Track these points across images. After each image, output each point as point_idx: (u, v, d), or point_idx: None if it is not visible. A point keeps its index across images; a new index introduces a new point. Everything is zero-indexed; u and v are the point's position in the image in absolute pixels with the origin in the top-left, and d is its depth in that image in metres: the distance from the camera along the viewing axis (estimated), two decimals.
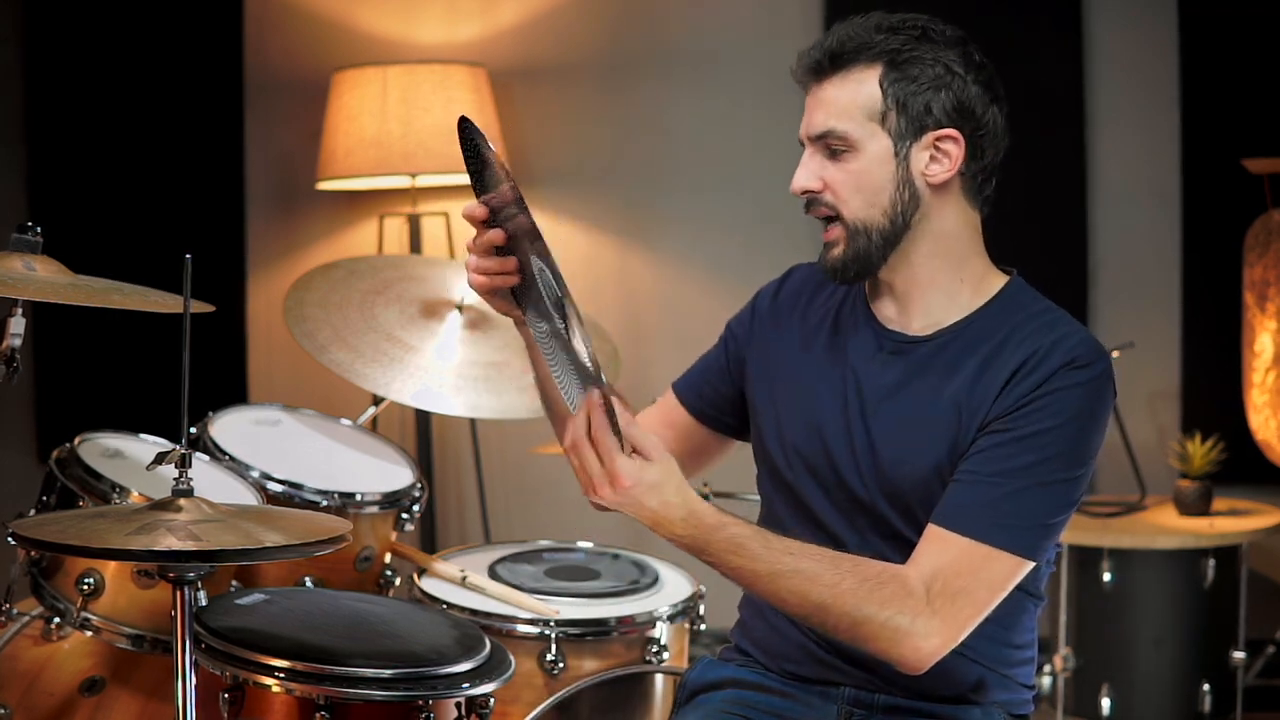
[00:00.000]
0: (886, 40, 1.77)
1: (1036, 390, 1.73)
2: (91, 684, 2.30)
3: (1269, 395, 3.64)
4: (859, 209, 1.79)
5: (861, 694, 1.86)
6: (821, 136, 1.79)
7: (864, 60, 1.77)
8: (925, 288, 1.84)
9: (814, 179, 1.81)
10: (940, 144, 1.79)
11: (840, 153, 1.79)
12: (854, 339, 1.88)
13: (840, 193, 1.79)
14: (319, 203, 4.32)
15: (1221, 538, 3.43)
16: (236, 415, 2.66)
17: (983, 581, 1.70)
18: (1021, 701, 1.90)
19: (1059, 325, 1.79)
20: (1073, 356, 1.74)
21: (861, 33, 1.78)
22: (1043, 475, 1.71)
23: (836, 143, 1.78)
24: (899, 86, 1.76)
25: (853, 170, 1.78)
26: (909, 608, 1.67)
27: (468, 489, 4.32)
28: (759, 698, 1.90)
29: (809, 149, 1.82)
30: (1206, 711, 3.42)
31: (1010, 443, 1.72)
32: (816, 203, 1.81)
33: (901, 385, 1.82)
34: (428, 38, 4.27)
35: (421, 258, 3.91)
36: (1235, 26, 3.94)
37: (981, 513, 1.70)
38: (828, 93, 1.79)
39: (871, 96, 1.77)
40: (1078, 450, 1.73)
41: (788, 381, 1.93)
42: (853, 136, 1.77)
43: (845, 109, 1.77)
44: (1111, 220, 4.07)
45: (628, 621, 2.41)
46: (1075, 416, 1.72)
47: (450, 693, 1.98)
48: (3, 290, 1.90)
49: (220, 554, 1.65)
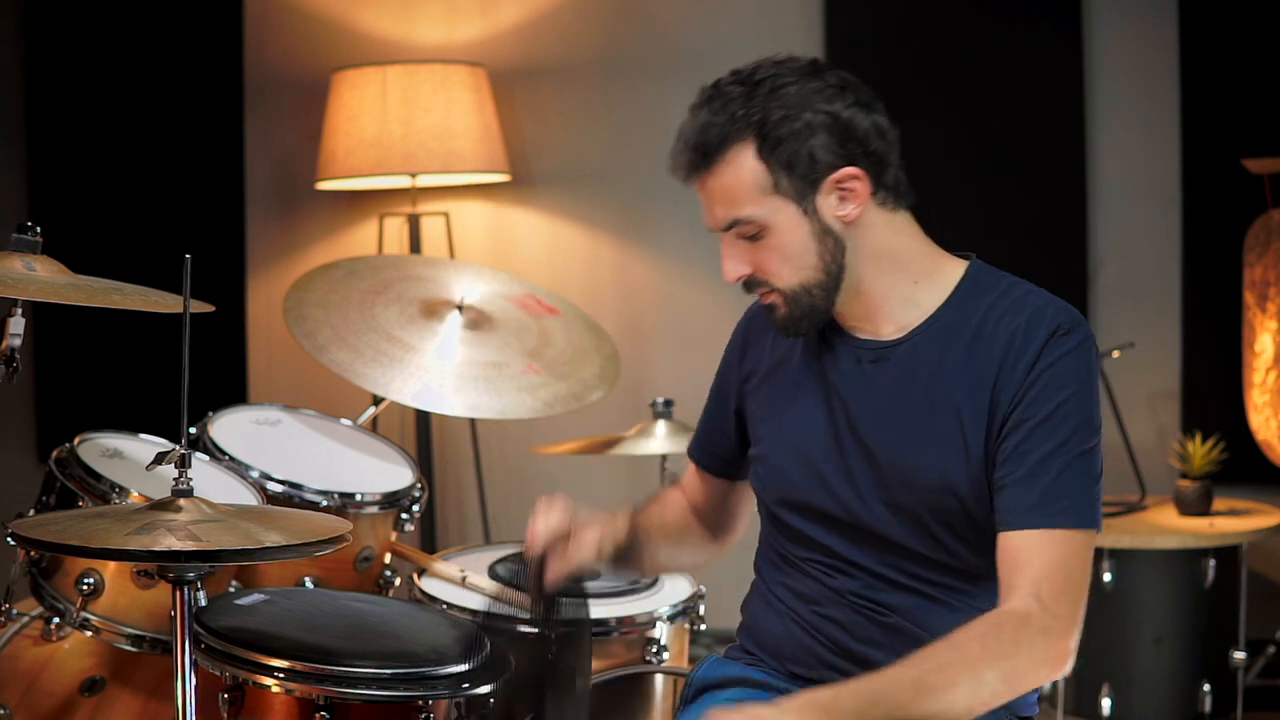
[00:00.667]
0: (745, 113, 1.73)
1: (1033, 370, 1.73)
2: (91, 684, 2.30)
3: (1269, 395, 3.64)
4: (791, 277, 1.78)
5: None
6: (729, 227, 1.79)
7: (731, 143, 1.74)
8: (883, 300, 1.83)
9: (743, 265, 1.80)
10: (842, 184, 1.76)
11: (755, 236, 1.78)
12: (829, 358, 1.87)
13: (771, 269, 1.78)
14: (319, 203, 4.32)
15: (1222, 538, 3.43)
16: (236, 415, 2.66)
17: (1074, 566, 1.70)
18: (1026, 703, 1.90)
19: (1029, 299, 1.79)
20: (1054, 326, 1.74)
21: (717, 118, 1.74)
22: (1071, 449, 1.71)
23: (748, 229, 1.77)
24: (778, 151, 1.73)
25: (773, 246, 1.77)
26: (1036, 628, 1.66)
27: (468, 489, 4.32)
28: (766, 696, 1.90)
29: (725, 239, 1.80)
30: (1207, 711, 3.42)
31: (1031, 432, 1.72)
32: (754, 284, 1.81)
33: (888, 393, 1.82)
34: (428, 38, 4.27)
35: (421, 258, 3.91)
36: (1235, 27, 3.94)
37: (1040, 503, 1.70)
38: (714, 186, 1.77)
39: (756, 173, 1.74)
40: (1090, 415, 1.73)
41: (769, 419, 1.93)
42: (759, 217, 1.76)
43: (737, 196, 1.75)
44: (1111, 220, 4.07)
45: (628, 621, 2.41)
46: (1078, 384, 1.73)
47: (450, 693, 1.98)
48: (3, 290, 1.90)
49: (220, 554, 1.65)
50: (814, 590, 1.88)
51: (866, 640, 1.83)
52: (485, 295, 2.95)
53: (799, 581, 1.90)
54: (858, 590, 1.84)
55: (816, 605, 1.87)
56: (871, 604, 1.83)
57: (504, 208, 4.31)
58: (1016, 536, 1.70)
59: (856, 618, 1.83)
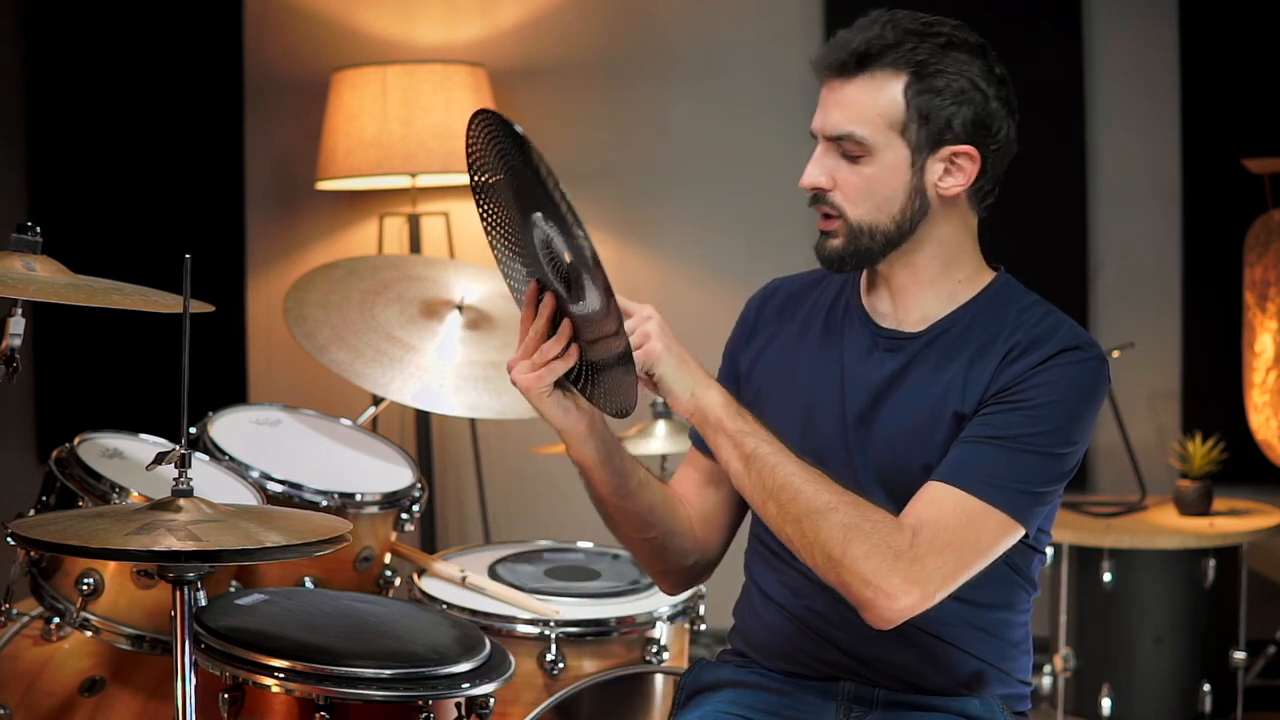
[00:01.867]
0: (915, 48, 1.74)
1: (1036, 367, 1.74)
2: (91, 684, 2.30)
3: (1269, 395, 3.64)
4: (866, 213, 1.79)
5: (861, 689, 1.86)
6: (839, 138, 1.77)
7: (890, 65, 1.74)
8: (923, 286, 1.85)
9: (826, 177, 1.79)
10: (956, 159, 1.78)
11: (856, 157, 1.77)
12: (847, 336, 1.88)
13: (851, 195, 1.78)
14: (319, 203, 4.32)
15: (1222, 538, 3.43)
16: (236, 415, 2.66)
17: (970, 536, 1.69)
18: (1019, 697, 1.90)
19: (1052, 315, 1.81)
20: (1073, 343, 1.76)
21: (890, 35, 1.75)
22: (1038, 444, 1.72)
23: (853, 147, 1.77)
24: (923, 98, 1.75)
25: (866, 175, 1.77)
26: (895, 542, 1.65)
27: (468, 489, 4.32)
28: (757, 697, 1.90)
29: (822, 145, 1.79)
30: (1207, 711, 3.42)
31: (1008, 411, 1.73)
32: (823, 200, 1.80)
33: (896, 381, 1.83)
34: (428, 38, 4.27)
35: (421, 258, 3.91)
36: (1235, 27, 3.94)
37: (976, 470, 1.70)
38: (850, 94, 1.76)
39: (895, 104, 1.75)
40: (1072, 427, 1.74)
41: (779, 384, 1.93)
42: (871, 143, 1.76)
43: (866, 114, 1.75)
44: (1111, 220, 4.07)
45: (628, 621, 2.41)
46: (1072, 395, 1.74)
47: (450, 693, 1.98)
48: (3, 290, 1.90)
49: (220, 554, 1.65)
50: (800, 582, 1.88)
51: (854, 630, 1.81)
52: (485, 295, 2.94)
53: (786, 574, 1.90)
54: None
55: (804, 598, 1.88)
56: None
57: None
58: (934, 486, 1.71)
59: (842, 608, 1.83)
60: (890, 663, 1.83)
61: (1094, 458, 4.04)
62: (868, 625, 1.80)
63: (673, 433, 2.89)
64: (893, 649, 1.82)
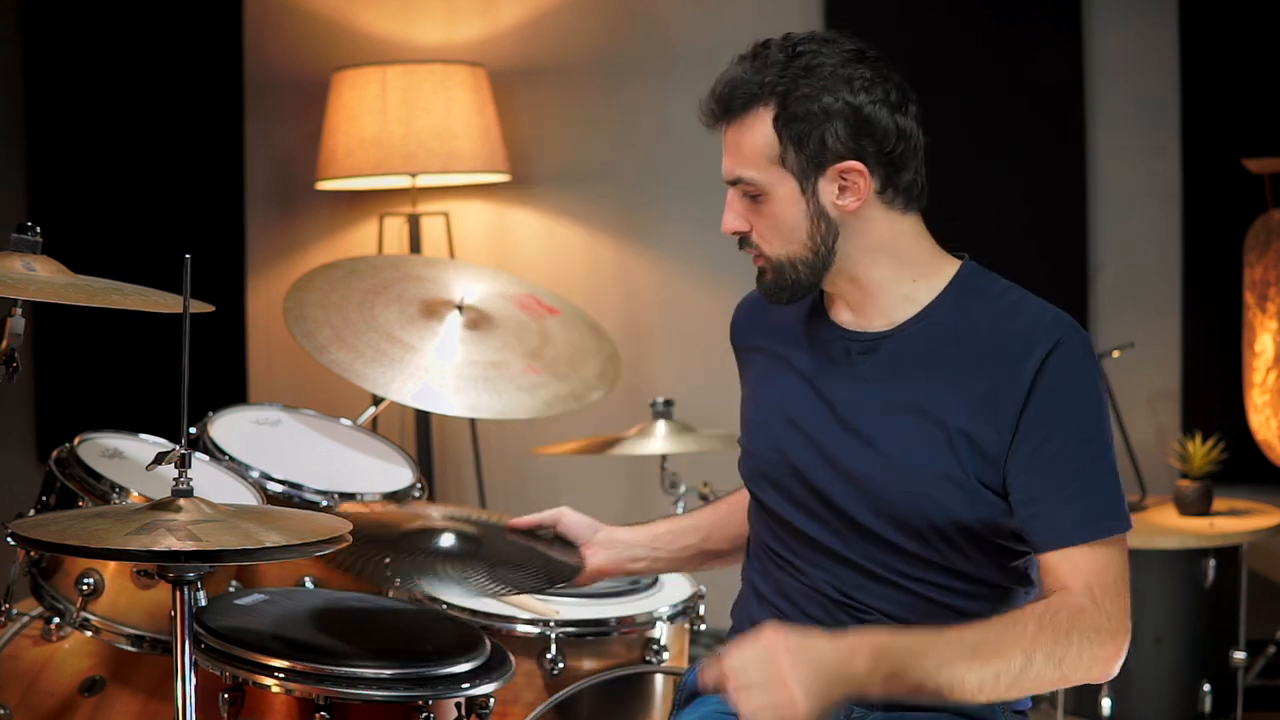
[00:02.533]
0: (777, 80, 1.77)
1: (1040, 386, 1.72)
2: (91, 684, 2.30)
3: (1269, 395, 3.64)
4: (781, 247, 1.81)
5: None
6: (734, 183, 1.82)
7: (756, 104, 1.78)
8: (875, 296, 1.83)
9: (740, 220, 1.83)
10: (845, 175, 1.77)
11: (755, 196, 1.80)
12: (820, 347, 1.87)
13: (764, 234, 1.82)
14: (319, 203, 4.32)
15: (1222, 538, 3.43)
16: (236, 415, 2.66)
17: (1121, 569, 1.72)
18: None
19: (1023, 306, 1.79)
20: (1054, 340, 1.74)
21: (750, 74, 1.79)
22: (1102, 457, 1.73)
23: (749, 189, 1.80)
24: (792, 127, 1.75)
25: (768, 212, 1.80)
26: (1089, 623, 1.67)
27: (468, 489, 4.32)
28: None
29: (731, 191, 1.84)
30: (1207, 711, 3.42)
31: (1058, 450, 1.72)
32: (745, 243, 1.85)
33: (875, 387, 1.81)
34: (428, 38, 4.27)
35: (421, 258, 3.91)
36: (1235, 27, 3.94)
37: (1089, 520, 1.72)
38: (732, 139, 1.81)
39: (768, 140, 1.77)
40: (1107, 420, 1.76)
41: (756, 400, 1.95)
42: (760, 182, 1.79)
43: (748, 156, 1.79)
44: (1112, 220, 4.07)
45: (628, 621, 2.41)
46: (1090, 393, 1.74)
47: (450, 693, 1.98)
48: (3, 290, 1.90)
49: (220, 554, 1.65)
50: (795, 589, 1.88)
51: None
52: (485, 295, 2.95)
53: (781, 579, 1.90)
54: (839, 586, 1.84)
55: (798, 604, 1.88)
56: (852, 602, 1.83)
57: (504, 208, 4.31)
58: (1067, 554, 1.71)
59: (839, 615, 1.83)
60: None
61: None
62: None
63: (673, 433, 2.89)
64: None
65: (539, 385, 2.79)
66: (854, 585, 1.83)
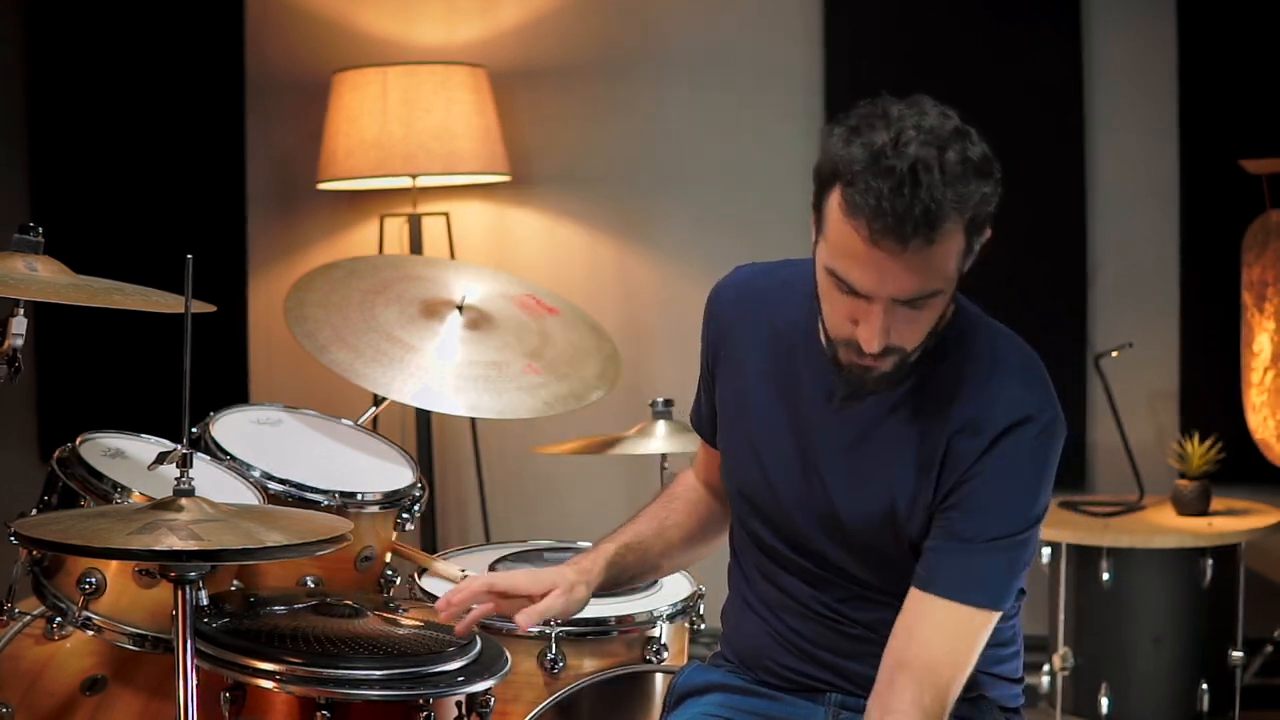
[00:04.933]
0: (965, 192, 1.63)
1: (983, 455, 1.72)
2: (93, 683, 2.31)
3: (1267, 395, 3.64)
4: (921, 342, 1.72)
5: (849, 698, 1.87)
6: (921, 297, 1.66)
7: (954, 222, 1.63)
8: None
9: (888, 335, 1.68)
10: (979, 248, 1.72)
11: (922, 306, 1.67)
12: (807, 379, 1.84)
13: (912, 337, 1.69)
14: (319, 203, 4.33)
15: (1220, 537, 3.43)
16: (237, 415, 2.66)
17: (970, 644, 1.73)
18: (1011, 695, 1.91)
19: (996, 375, 1.76)
20: (1011, 420, 1.72)
21: (946, 190, 1.61)
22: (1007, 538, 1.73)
23: (928, 300, 1.66)
24: (974, 236, 1.67)
25: (930, 314, 1.69)
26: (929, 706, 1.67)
27: (468, 489, 4.33)
28: (747, 701, 1.91)
29: (883, 304, 1.65)
30: (1205, 711, 3.43)
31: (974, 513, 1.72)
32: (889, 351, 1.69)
33: (852, 428, 1.80)
34: (428, 38, 4.27)
35: (422, 258, 3.92)
36: (1234, 27, 3.94)
37: (962, 582, 1.72)
38: (927, 259, 1.62)
39: (960, 250, 1.66)
40: (1032, 508, 1.74)
41: (735, 423, 1.92)
42: (946, 290, 1.69)
43: (944, 270, 1.65)
44: (1111, 220, 4.08)
45: (628, 621, 2.41)
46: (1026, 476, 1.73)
47: (450, 691, 1.98)
48: (4, 290, 1.91)
49: (221, 554, 1.65)
50: (779, 600, 1.90)
51: (836, 649, 1.85)
52: (485, 295, 2.95)
53: (765, 590, 1.92)
54: (826, 601, 1.85)
55: (783, 615, 1.89)
56: (837, 616, 1.85)
57: (504, 208, 4.31)
58: (927, 600, 1.72)
59: (824, 630, 1.86)
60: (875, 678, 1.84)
61: (1093, 457, 4.04)
62: (851, 644, 1.82)
63: (673, 433, 2.90)
64: (877, 665, 1.82)
65: (539, 385, 2.79)
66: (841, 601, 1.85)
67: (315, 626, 2.08)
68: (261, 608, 2.14)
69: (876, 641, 1.77)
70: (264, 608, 2.15)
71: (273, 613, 2.13)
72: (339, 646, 2.00)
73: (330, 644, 2.00)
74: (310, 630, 2.05)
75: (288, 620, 2.10)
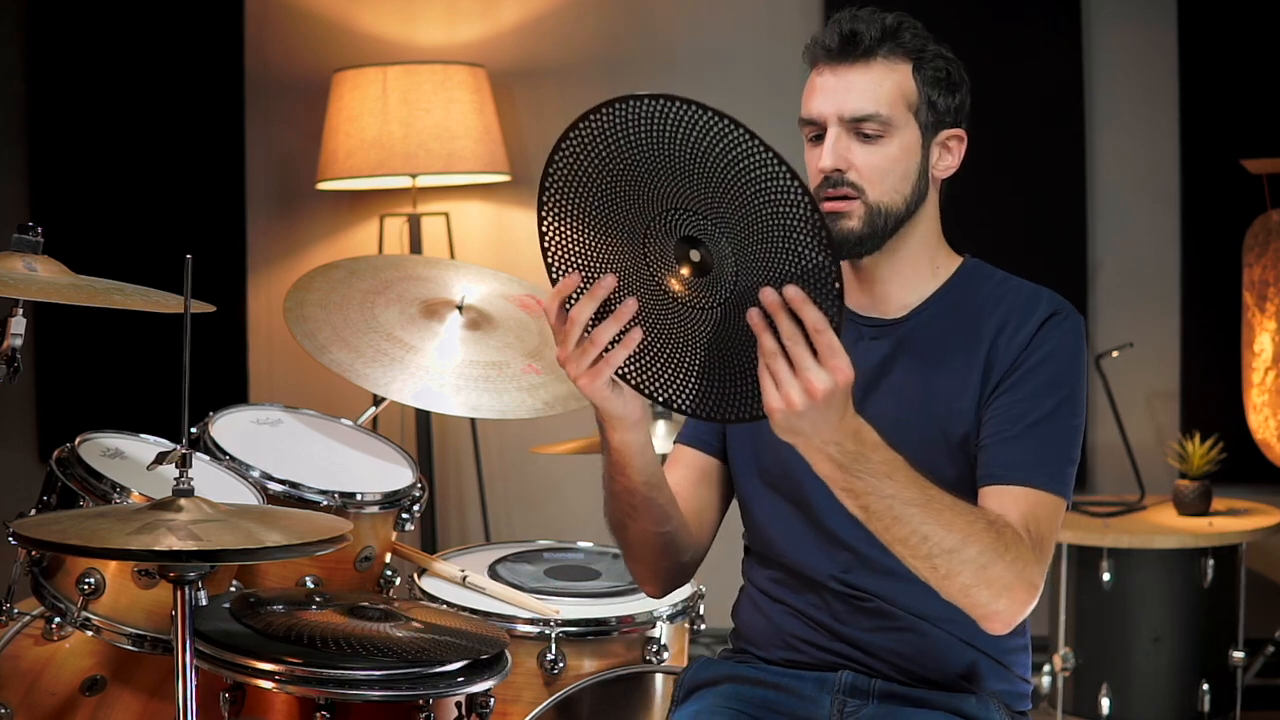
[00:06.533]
0: (912, 38, 1.83)
1: (1031, 342, 1.79)
2: (92, 683, 2.31)
3: (1268, 395, 3.64)
4: (884, 193, 1.82)
5: (859, 679, 1.87)
6: (863, 119, 1.80)
7: (898, 51, 1.82)
8: (904, 276, 1.88)
9: (842, 160, 1.81)
10: (948, 142, 1.86)
11: (875, 137, 1.80)
12: None
13: (870, 175, 1.81)
14: (319, 203, 4.33)
15: (1220, 537, 3.43)
16: (237, 415, 2.66)
17: (1051, 525, 1.75)
18: (1019, 695, 1.91)
19: (1025, 286, 1.87)
20: (1053, 309, 1.82)
21: (887, 25, 1.83)
22: (1062, 420, 1.77)
23: (875, 127, 1.80)
24: (928, 85, 1.83)
25: (886, 154, 1.81)
26: (1026, 549, 1.67)
27: (468, 489, 4.33)
28: (754, 692, 1.92)
29: (836, 129, 1.81)
30: (1205, 711, 3.43)
31: (1030, 396, 1.77)
32: (839, 183, 1.81)
33: (886, 371, 1.85)
34: (428, 38, 4.27)
35: (422, 258, 3.91)
36: (1234, 27, 3.95)
37: (1028, 463, 1.75)
38: (862, 78, 1.80)
39: (908, 87, 1.82)
40: (1080, 396, 1.80)
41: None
42: (892, 121, 1.81)
43: (888, 95, 1.80)
44: (1111, 220, 4.08)
45: (628, 621, 2.41)
46: (1072, 364, 1.80)
47: (450, 690, 1.98)
48: (4, 290, 1.91)
49: (221, 554, 1.65)
50: (795, 580, 1.91)
51: (856, 623, 1.86)
52: (485, 295, 2.95)
53: (780, 572, 1.93)
54: (837, 574, 1.86)
55: (800, 593, 1.90)
56: (852, 589, 1.85)
57: (504, 208, 4.31)
58: (1002, 491, 1.74)
59: (837, 604, 1.87)
60: (893, 650, 1.85)
61: (1093, 457, 4.04)
62: (871, 617, 1.82)
63: (673, 433, 2.90)
64: (896, 637, 1.85)
65: (539, 385, 2.79)
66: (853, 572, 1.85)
67: (315, 626, 2.08)
68: (261, 607, 2.14)
69: (891, 614, 1.82)
70: (264, 607, 2.14)
71: (272, 612, 2.13)
72: (339, 646, 2.00)
73: (330, 644, 2.00)
74: (310, 630, 2.05)
75: (287, 620, 2.10)
